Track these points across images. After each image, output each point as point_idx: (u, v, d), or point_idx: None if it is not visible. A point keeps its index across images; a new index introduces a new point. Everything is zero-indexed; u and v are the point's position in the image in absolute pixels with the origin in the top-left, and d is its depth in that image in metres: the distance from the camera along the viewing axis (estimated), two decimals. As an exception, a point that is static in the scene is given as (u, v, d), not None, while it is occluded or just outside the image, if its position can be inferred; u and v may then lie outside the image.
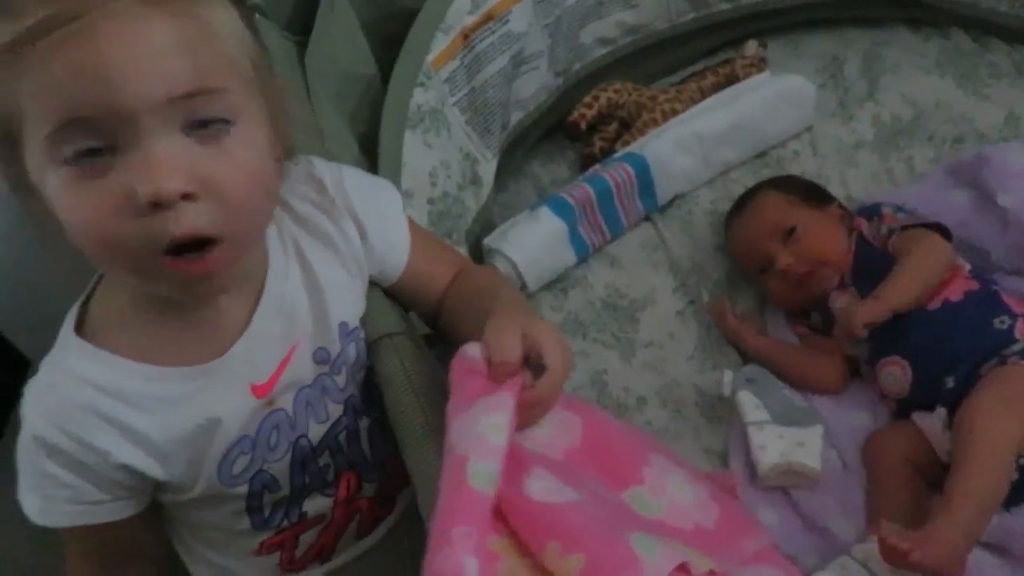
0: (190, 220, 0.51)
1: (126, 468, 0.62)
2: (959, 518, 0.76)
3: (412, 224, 0.78)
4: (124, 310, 0.61)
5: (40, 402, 0.60)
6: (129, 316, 0.61)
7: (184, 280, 0.55)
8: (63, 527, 0.64)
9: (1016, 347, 0.89)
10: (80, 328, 0.62)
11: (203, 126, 0.52)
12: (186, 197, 0.51)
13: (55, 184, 0.51)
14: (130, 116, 0.49)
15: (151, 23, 0.50)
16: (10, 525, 0.68)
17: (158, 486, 0.66)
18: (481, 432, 0.54)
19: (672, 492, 0.64)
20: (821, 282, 1.03)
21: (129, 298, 0.61)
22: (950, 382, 0.90)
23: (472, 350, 0.60)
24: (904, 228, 1.00)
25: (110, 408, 0.60)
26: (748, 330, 1.06)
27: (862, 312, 0.91)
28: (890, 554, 0.76)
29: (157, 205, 0.50)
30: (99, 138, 0.50)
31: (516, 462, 0.56)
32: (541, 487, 0.55)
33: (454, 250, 0.90)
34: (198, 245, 0.53)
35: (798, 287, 1.04)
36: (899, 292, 0.93)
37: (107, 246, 0.52)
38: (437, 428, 0.64)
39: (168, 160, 0.50)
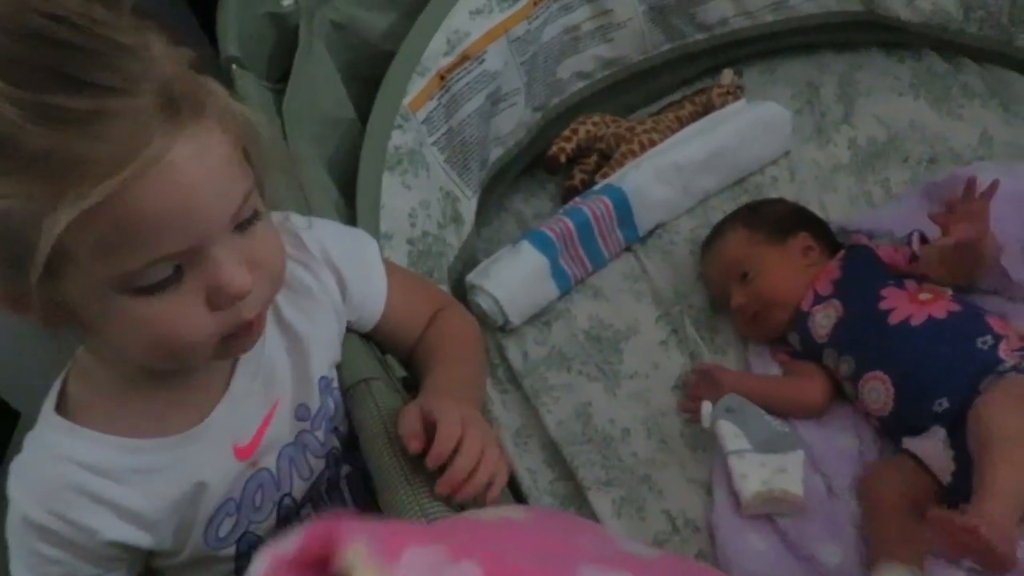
0: (255, 303, 0.57)
1: (115, 543, 0.62)
2: (1004, 496, 0.75)
3: (391, 267, 0.79)
4: (102, 388, 0.62)
5: (26, 483, 0.61)
6: (108, 393, 0.62)
7: (238, 349, 0.61)
8: None
9: (1006, 366, 0.90)
10: (61, 407, 0.62)
11: (248, 224, 0.56)
12: None
13: (122, 309, 0.53)
14: (208, 240, 0.53)
15: (213, 142, 0.52)
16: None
17: (149, 553, 0.66)
18: None
19: None
20: (771, 319, 1.06)
21: (106, 376, 0.62)
22: (943, 403, 0.90)
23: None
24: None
25: (95, 485, 0.60)
26: (716, 385, 1.01)
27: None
28: (953, 535, 0.73)
29: (236, 299, 0.55)
30: (176, 264, 0.53)
31: None
32: None
33: (434, 290, 0.91)
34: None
35: (752, 322, 1.08)
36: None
37: (180, 346, 0.55)
38: (411, 471, 0.65)
39: (236, 262, 0.55)
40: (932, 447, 0.90)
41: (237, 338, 0.58)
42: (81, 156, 0.47)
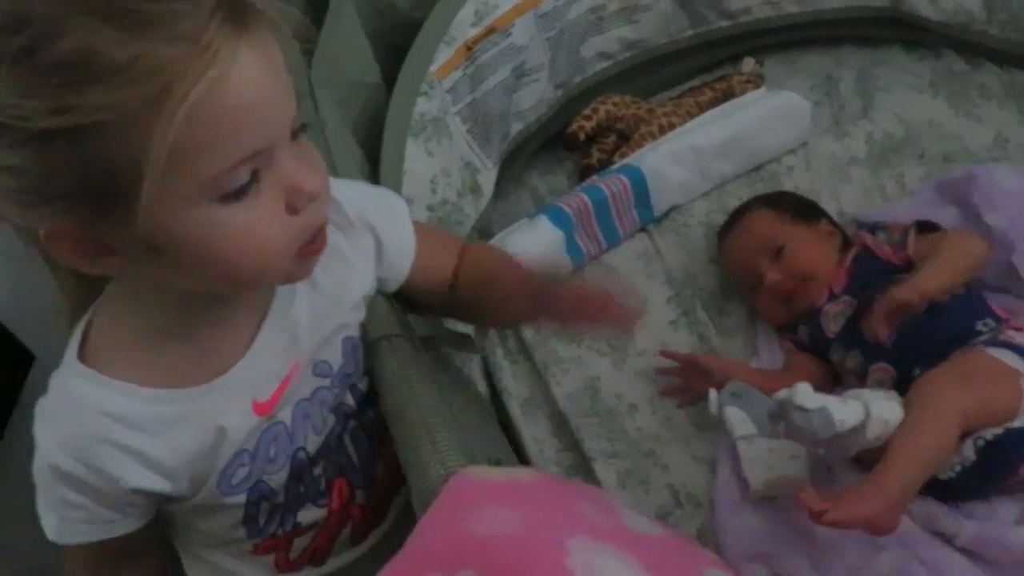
0: (320, 211, 0.59)
1: (138, 490, 0.63)
2: (896, 470, 0.78)
3: (414, 223, 0.80)
4: (126, 336, 0.62)
5: (52, 430, 0.62)
6: (132, 342, 0.62)
7: (307, 264, 0.61)
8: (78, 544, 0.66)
9: (983, 337, 0.92)
10: (83, 354, 0.62)
11: (299, 133, 0.57)
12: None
13: (211, 220, 0.53)
14: (277, 143, 0.54)
15: (274, 51, 0.53)
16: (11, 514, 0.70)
17: (164, 498, 0.67)
18: None
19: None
20: (807, 297, 1.06)
21: (130, 325, 0.62)
22: (917, 371, 0.91)
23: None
24: (921, 231, 1.03)
25: (120, 435, 0.61)
26: (709, 374, 1.02)
27: (899, 291, 0.91)
28: (813, 517, 0.78)
29: (310, 200, 0.56)
30: (253, 168, 0.53)
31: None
32: None
33: (451, 235, 0.91)
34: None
35: (786, 303, 1.07)
36: (931, 279, 0.93)
37: (265, 255, 0.56)
38: (432, 426, 0.66)
39: (303, 165, 0.56)
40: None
41: (308, 256, 0.60)
42: (162, 59, 0.48)
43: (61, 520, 0.64)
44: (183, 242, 0.54)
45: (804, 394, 0.82)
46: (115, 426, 0.61)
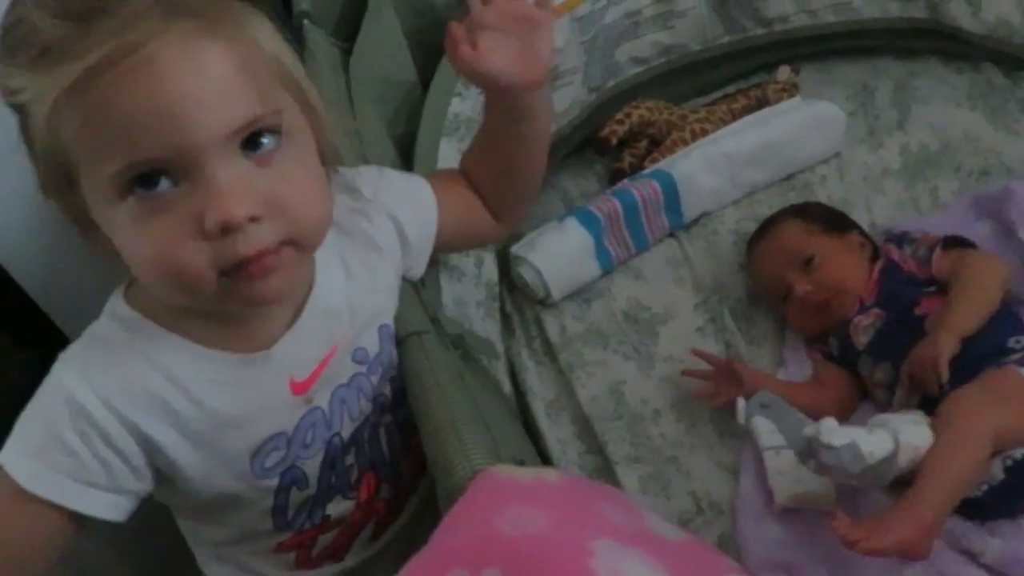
0: (257, 239, 0.54)
1: (148, 442, 0.61)
2: (929, 494, 0.77)
3: (428, 184, 0.80)
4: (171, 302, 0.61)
5: (87, 368, 0.59)
6: (177, 306, 0.61)
7: (246, 297, 0.56)
8: (45, 497, 0.58)
9: (1015, 356, 0.91)
10: (130, 304, 0.62)
11: (259, 146, 0.54)
12: (252, 219, 0.53)
13: (119, 220, 0.53)
14: (197, 151, 0.51)
15: (211, 52, 0.51)
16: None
17: (180, 479, 0.64)
18: None
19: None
20: (840, 309, 1.05)
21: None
22: (947, 386, 0.90)
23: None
24: (946, 247, 1.02)
25: (156, 384, 0.60)
26: (738, 381, 1.02)
27: (943, 349, 0.89)
28: (847, 545, 0.77)
29: (227, 230, 0.52)
30: (165, 173, 0.51)
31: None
32: None
33: (449, 173, 0.88)
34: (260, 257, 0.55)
35: (816, 314, 1.06)
36: (964, 318, 0.93)
37: (174, 274, 0.54)
38: (459, 424, 0.67)
39: (234, 186, 0.52)
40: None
41: (241, 282, 0.55)
42: (70, 47, 0.49)
43: (44, 463, 0.58)
44: (112, 236, 0.55)
45: (830, 431, 0.81)
46: (152, 373, 0.60)
